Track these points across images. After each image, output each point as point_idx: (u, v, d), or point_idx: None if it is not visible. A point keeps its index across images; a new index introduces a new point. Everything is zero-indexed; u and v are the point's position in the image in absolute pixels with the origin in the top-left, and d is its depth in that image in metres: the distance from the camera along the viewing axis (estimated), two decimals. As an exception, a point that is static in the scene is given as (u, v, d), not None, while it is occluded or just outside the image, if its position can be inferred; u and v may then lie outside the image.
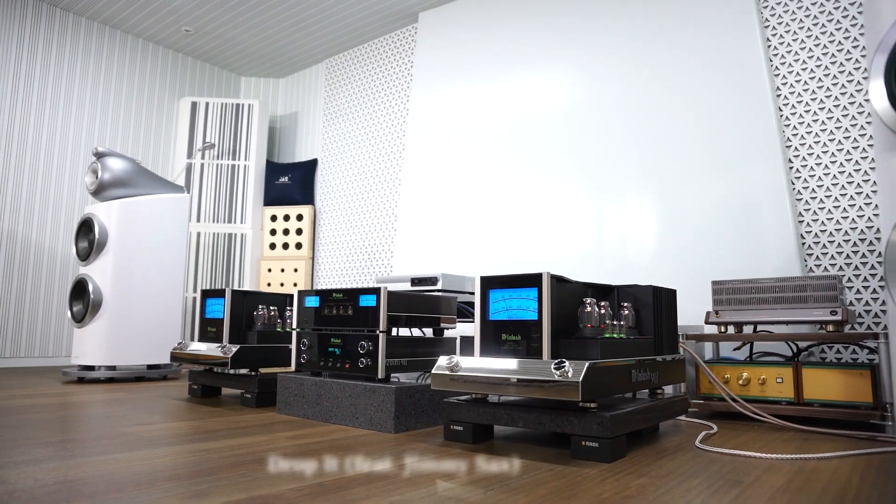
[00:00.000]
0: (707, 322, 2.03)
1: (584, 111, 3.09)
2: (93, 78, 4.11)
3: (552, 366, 1.29)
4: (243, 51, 4.50)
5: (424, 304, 1.82)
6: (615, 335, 1.47)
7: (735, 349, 2.22)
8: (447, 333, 2.56)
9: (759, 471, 1.19)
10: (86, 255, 2.87)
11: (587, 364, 1.26)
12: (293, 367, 1.88)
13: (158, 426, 1.62)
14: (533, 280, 1.38)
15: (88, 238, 2.90)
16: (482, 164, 3.45)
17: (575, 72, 3.16)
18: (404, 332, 3.41)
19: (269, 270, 4.26)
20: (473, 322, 2.61)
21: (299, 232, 4.31)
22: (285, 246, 4.31)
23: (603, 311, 1.45)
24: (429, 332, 2.82)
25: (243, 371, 2.25)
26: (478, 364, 1.41)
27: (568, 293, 1.45)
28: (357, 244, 4.10)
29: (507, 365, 1.37)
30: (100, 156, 2.94)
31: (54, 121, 3.92)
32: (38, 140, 3.84)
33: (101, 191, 2.90)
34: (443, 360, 1.48)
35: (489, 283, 1.46)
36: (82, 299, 2.87)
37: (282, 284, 4.24)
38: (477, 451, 1.36)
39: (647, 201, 2.79)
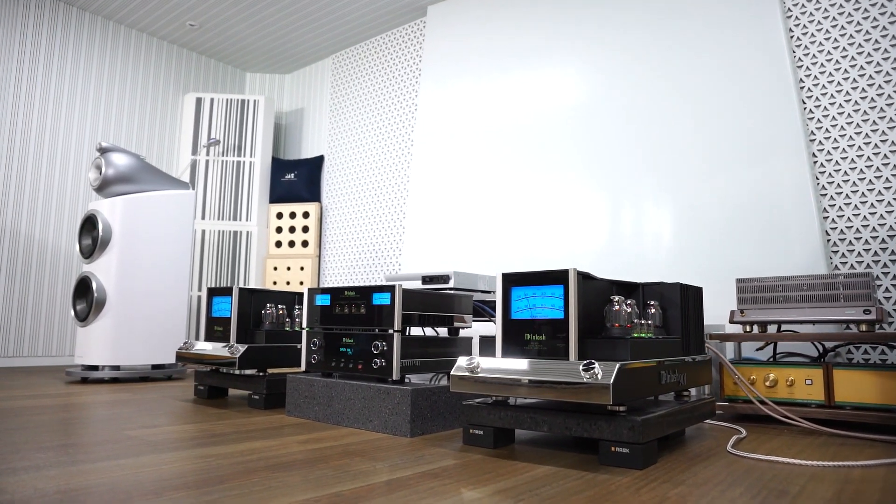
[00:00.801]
0: (731, 321, 1.95)
1: (597, 106, 3.02)
2: (97, 73, 4.05)
3: (580, 367, 1.22)
4: (248, 46, 4.44)
5: (439, 303, 1.76)
6: (643, 335, 1.40)
7: (757, 349, 2.15)
8: (462, 333, 2.49)
9: (802, 479, 1.12)
10: (89, 253, 2.81)
11: (617, 365, 1.19)
12: (303, 368, 1.81)
13: (164, 429, 1.56)
14: (558, 277, 1.31)
15: (92, 235, 2.83)
16: (493, 159, 3.38)
17: (588, 65, 3.09)
18: (415, 331, 3.35)
19: (275, 269, 4.19)
20: (487, 321, 2.54)
21: (305, 230, 4.24)
22: (291, 244, 4.25)
23: (630, 310, 1.38)
24: (441, 331, 2.75)
25: (251, 372, 2.19)
26: (500, 365, 1.34)
27: (593, 291, 1.38)
28: (364, 242, 4.03)
29: (531, 366, 1.30)
30: (104, 151, 2.87)
31: (58, 117, 3.86)
32: (41, 136, 3.78)
33: (104, 187, 2.84)
34: (462, 361, 1.41)
35: (511, 281, 1.39)
36: (86, 298, 2.81)
37: (288, 283, 4.18)
38: (499, 457, 1.29)
39: (664, 198, 2.72)
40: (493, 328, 2.99)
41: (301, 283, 4.17)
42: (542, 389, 1.26)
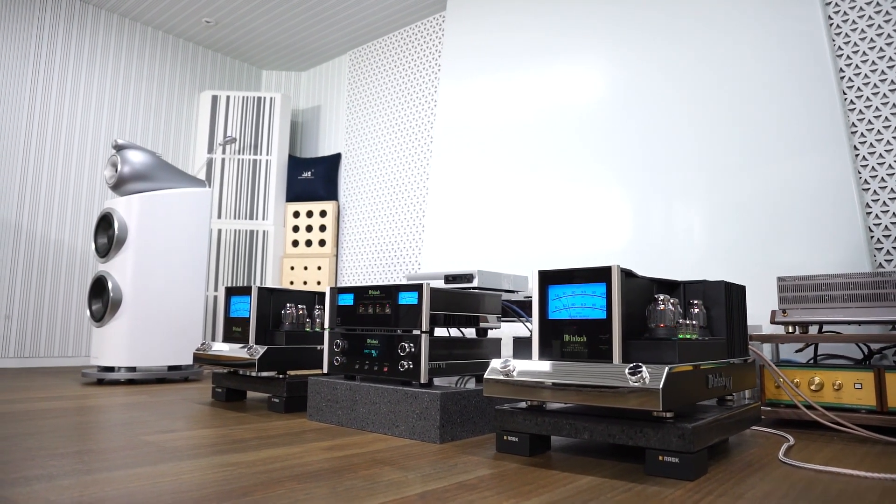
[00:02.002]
0: (773, 322, 1.86)
1: (625, 99, 2.93)
2: (112, 72, 4.01)
3: (626, 371, 1.14)
4: (265, 42, 4.38)
5: (467, 303, 1.68)
6: (687, 336, 1.31)
7: (797, 351, 2.05)
8: (490, 334, 2.42)
9: (874, 495, 1.03)
10: (105, 252, 2.76)
11: (666, 369, 1.11)
12: (325, 370, 1.74)
13: (182, 434, 1.49)
14: (600, 274, 1.23)
15: (108, 234, 2.78)
16: (515, 156, 3.30)
17: (614, 58, 3.00)
18: (437, 331, 3.27)
19: (292, 268, 4.13)
20: (515, 322, 2.46)
21: (322, 228, 4.18)
22: (308, 243, 4.18)
23: (675, 310, 1.29)
24: (467, 332, 2.67)
25: (270, 374, 2.12)
26: (537, 368, 1.27)
27: (634, 289, 1.29)
28: (383, 241, 3.96)
29: (571, 369, 1.22)
30: (119, 148, 2.82)
31: (73, 115, 3.82)
32: (56, 134, 3.74)
33: (120, 185, 2.79)
34: (496, 364, 1.33)
35: (549, 279, 1.31)
36: (101, 297, 2.76)
37: (305, 283, 4.11)
38: (537, 466, 1.21)
39: (695, 193, 2.62)
40: (520, 329, 2.91)
41: (318, 282, 4.10)
42: (584, 394, 1.18)
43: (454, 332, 2.65)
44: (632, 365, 1.14)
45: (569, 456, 1.31)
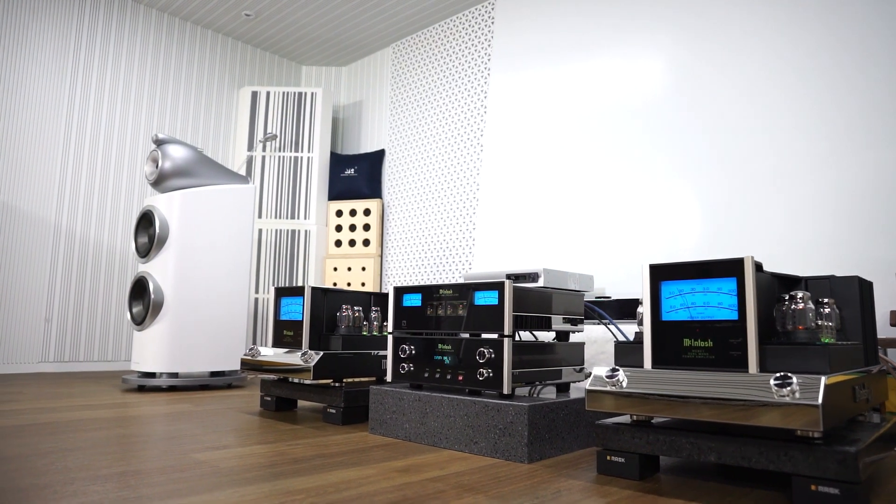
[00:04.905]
0: (894, 323, 1.64)
1: (691, 88, 2.72)
2: (151, 68, 3.91)
3: (772, 381, 0.94)
4: (305, 35, 4.25)
5: (550, 303, 1.49)
6: (826, 340, 1.11)
7: (910, 356, 1.82)
8: (573, 338, 2.22)
9: None
10: (146, 252, 2.63)
11: (823, 380, 0.91)
12: (389, 378, 1.57)
13: (235, 451, 1.33)
14: (728, 267, 1.04)
15: (148, 233, 2.66)
16: (573, 150, 3.10)
17: (675, 45, 2.79)
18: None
19: (335, 269, 3.99)
20: (599, 324, 2.27)
21: (367, 228, 4.02)
22: (352, 243, 4.03)
23: (815, 309, 1.09)
24: (541, 335, 2.47)
25: (325, 381, 1.96)
26: (652, 378, 1.07)
27: (763, 286, 1.10)
28: (431, 240, 3.78)
29: (695, 378, 1.03)
30: (160, 143, 2.70)
31: (112, 112, 3.73)
32: (96, 132, 3.65)
33: (161, 181, 2.66)
34: (600, 372, 1.14)
35: (662, 274, 1.12)
36: (142, 299, 2.63)
37: (348, 284, 3.96)
38: (654, 493, 1.02)
39: (773, 183, 2.40)
40: (594, 333, 2.71)
41: (362, 284, 3.95)
42: (715, 409, 0.98)
43: (525, 335, 2.45)
44: (779, 375, 0.94)
45: (683, 479, 1.12)
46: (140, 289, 2.64)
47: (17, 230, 3.35)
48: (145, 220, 2.68)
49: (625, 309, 2.43)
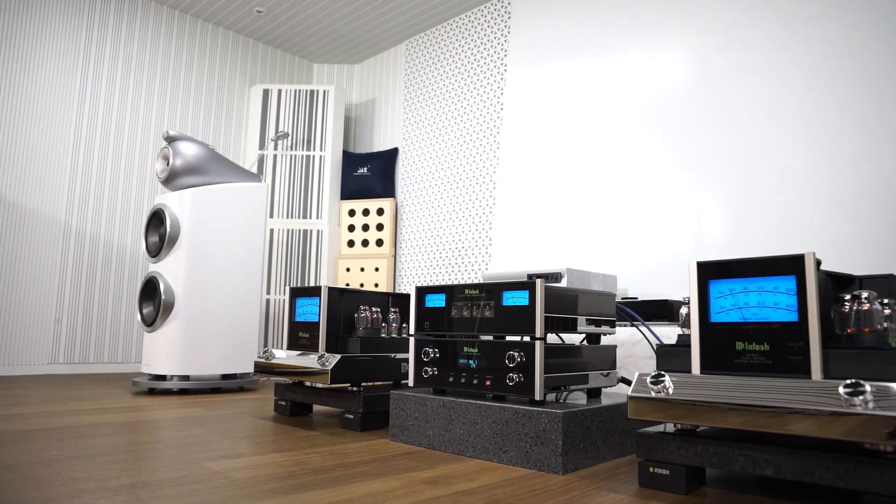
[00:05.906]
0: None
1: (716, 82, 2.63)
2: (161, 65, 3.86)
3: (840, 389, 0.86)
4: (318, 32, 4.19)
5: (582, 304, 1.41)
6: (893, 343, 1.03)
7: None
8: (604, 340, 2.14)
9: None
10: (156, 251, 2.57)
11: (897, 389, 0.83)
12: (411, 383, 1.50)
13: (251, 460, 1.26)
14: (786, 265, 0.96)
15: (159, 231, 2.60)
16: (595, 148, 3.02)
17: (701, 38, 2.70)
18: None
19: (348, 270, 3.92)
20: (631, 326, 2.18)
21: (380, 227, 3.95)
22: (365, 243, 3.96)
23: (881, 310, 1.01)
24: (567, 337, 2.38)
25: (343, 386, 1.89)
26: (703, 383, 0.99)
27: (821, 285, 1.01)
28: (446, 239, 3.71)
29: (751, 385, 0.95)
30: (171, 140, 2.64)
31: (123, 110, 3.68)
32: (105, 130, 3.60)
33: (172, 178, 2.60)
34: (645, 378, 1.06)
35: (711, 272, 1.04)
36: (153, 300, 2.57)
37: (361, 285, 3.89)
38: (709, 513, 0.94)
39: (810, 175, 2.31)
40: (625, 335, 2.62)
41: (375, 284, 3.88)
42: (773, 418, 0.90)
43: (551, 337, 2.36)
44: (849, 382, 0.86)
45: (733, 494, 1.04)
46: (150, 289, 2.58)
47: (27, 229, 3.30)
48: (156, 219, 2.62)
49: (649, 310, 2.35)
